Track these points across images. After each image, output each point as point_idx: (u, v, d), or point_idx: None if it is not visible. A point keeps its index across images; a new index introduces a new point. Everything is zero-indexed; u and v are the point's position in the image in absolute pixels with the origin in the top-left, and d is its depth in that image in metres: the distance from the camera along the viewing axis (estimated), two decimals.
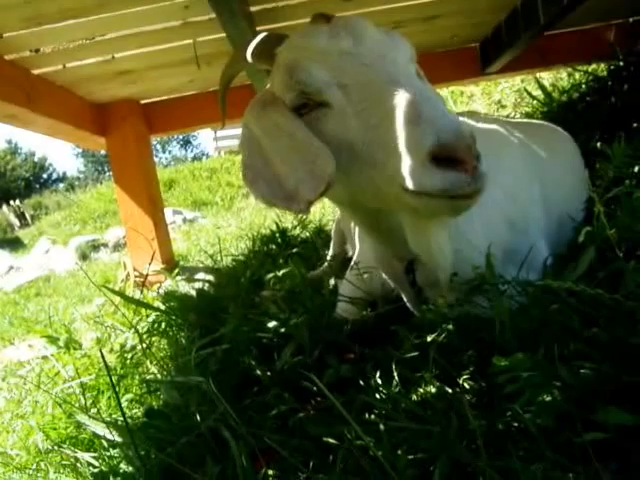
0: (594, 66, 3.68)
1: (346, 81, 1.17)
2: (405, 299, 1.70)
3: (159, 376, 1.74)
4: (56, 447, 1.51)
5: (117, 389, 1.69)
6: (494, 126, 1.85)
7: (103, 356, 1.30)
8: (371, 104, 1.12)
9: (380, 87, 1.10)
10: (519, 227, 1.61)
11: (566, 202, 1.89)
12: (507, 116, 4.43)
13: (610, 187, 1.90)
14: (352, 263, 2.01)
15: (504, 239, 1.56)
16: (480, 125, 1.84)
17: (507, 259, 1.53)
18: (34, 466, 1.51)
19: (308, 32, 1.28)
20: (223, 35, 2.47)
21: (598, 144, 2.19)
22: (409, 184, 1.03)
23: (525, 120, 2.61)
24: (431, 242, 1.29)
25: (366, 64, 1.16)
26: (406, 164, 1.03)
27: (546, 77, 4.71)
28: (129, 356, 1.94)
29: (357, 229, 2.04)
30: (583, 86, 3.60)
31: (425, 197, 1.03)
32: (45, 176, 49.37)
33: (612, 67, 3.37)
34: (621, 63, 3.29)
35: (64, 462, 1.46)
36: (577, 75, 3.90)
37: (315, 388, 1.35)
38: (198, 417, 1.29)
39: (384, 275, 1.72)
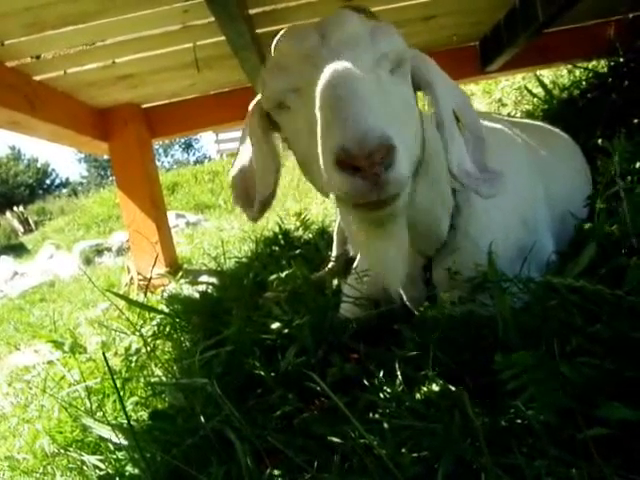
0: (594, 63, 3.67)
1: (300, 85, 1.16)
2: (405, 298, 1.71)
3: (164, 379, 1.75)
4: (62, 451, 1.52)
5: (122, 392, 1.70)
6: (499, 126, 1.84)
7: (106, 360, 1.30)
8: (311, 107, 1.08)
9: (319, 90, 1.07)
10: (530, 225, 1.62)
11: (569, 201, 1.89)
12: (508, 114, 4.43)
13: (611, 184, 1.91)
14: (353, 266, 2.01)
15: (519, 238, 1.56)
16: (486, 124, 1.83)
17: (519, 258, 1.53)
18: (41, 470, 1.52)
19: (287, 33, 1.25)
20: (223, 38, 2.48)
21: (599, 140, 2.19)
22: (323, 188, 1.07)
23: (525, 120, 2.61)
24: (371, 250, 1.26)
25: (317, 66, 1.11)
26: (323, 169, 1.02)
27: (546, 74, 4.71)
28: (134, 359, 1.94)
29: None
30: (583, 83, 3.60)
31: (342, 204, 1.04)
32: (48, 182, 49.53)
33: (612, 63, 3.37)
34: (621, 59, 3.29)
35: (71, 465, 1.47)
36: (577, 72, 3.90)
37: (319, 388, 1.36)
38: (203, 419, 1.30)
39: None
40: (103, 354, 1.35)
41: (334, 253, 2.80)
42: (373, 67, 1.14)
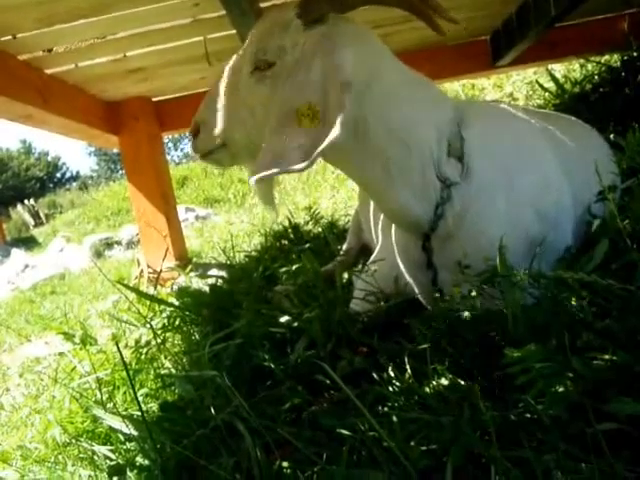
0: (607, 57, 3.64)
1: None
2: (417, 290, 1.71)
3: (173, 371, 1.76)
4: (74, 441, 1.54)
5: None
6: (527, 118, 1.80)
7: (120, 351, 1.32)
8: None
9: None
10: (550, 218, 1.58)
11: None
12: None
13: (623, 178, 1.89)
14: (370, 260, 2.02)
15: (531, 228, 1.55)
16: (512, 118, 1.80)
17: (532, 249, 1.52)
18: (52, 459, 1.54)
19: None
20: (233, 32, 2.48)
21: (611, 135, 2.17)
22: None
23: (556, 113, 2.53)
24: None
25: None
26: None
27: (558, 69, 4.67)
28: (144, 351, 1.96)
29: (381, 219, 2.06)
30: (596, 77, 3.58)
31: None
32: (59, 175, 49.90)
33: (626, 58, 3.34)
34: (635, 53, 3.26)
35: (81, 455, 1.49)
36: (590, 66, 3.87)
37: (328, 381, 1.36)
38: (213, 410, 1.31)
39: (401, 265, 1.74)
40: (116, 345, 1.36)
41: (347, 244, 2.80)
42: (239, 69, 1.56)
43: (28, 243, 14.28)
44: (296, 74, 1.41)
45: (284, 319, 1.72)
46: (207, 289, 2.31)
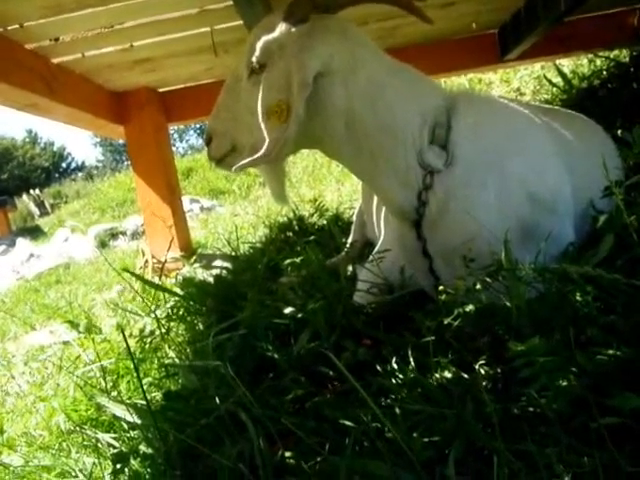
0: (616, 52, 3.61)
1: None
2: (418, 278, 1.72)
3: (177, 360, 1.77)
4: (78, 428, 1.55)
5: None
6: (527, 110, 1.80)
7: (126, 339, 1.32)
8: None
9: None
10: (545, 203, 1.56)
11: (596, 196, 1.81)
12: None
13: (630, 174, 1.88)
14: (374, 252, 2.02)
15: (523, 213, 1.54)
16: (509, 107, 1.79)
17: (526, 236, 1.52)
18: (57, 446, 1.55)
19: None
20: (240, 23, 2.48)
21: (619, 131, 2.16)
22: None
23: (560, 109, 2.51)
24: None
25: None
26: None
27: (566, 64, 4.65)
28: (148, 341, 1.96)
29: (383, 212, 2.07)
30: (604, 72, 3.55)
31: None
32: (64, 165, 49.97)
33: (634, 53, 3.31)
34: None
35: (85, 443, 1.49)
36: (598, 61, 3.84)
37: (331, 372, 1.37)
38: (216, 400, 1.31)
39: (401, 255, 1.75)
40: (123, 334, 1.36)
41: (351, 238, 2.80)
42: (241, 75, 1.68)
43: (33, 233, 14.35)
44: (273, 73, 1.56)
45: (288, 310, 1.72)
46: (211, 280, 2.32)
